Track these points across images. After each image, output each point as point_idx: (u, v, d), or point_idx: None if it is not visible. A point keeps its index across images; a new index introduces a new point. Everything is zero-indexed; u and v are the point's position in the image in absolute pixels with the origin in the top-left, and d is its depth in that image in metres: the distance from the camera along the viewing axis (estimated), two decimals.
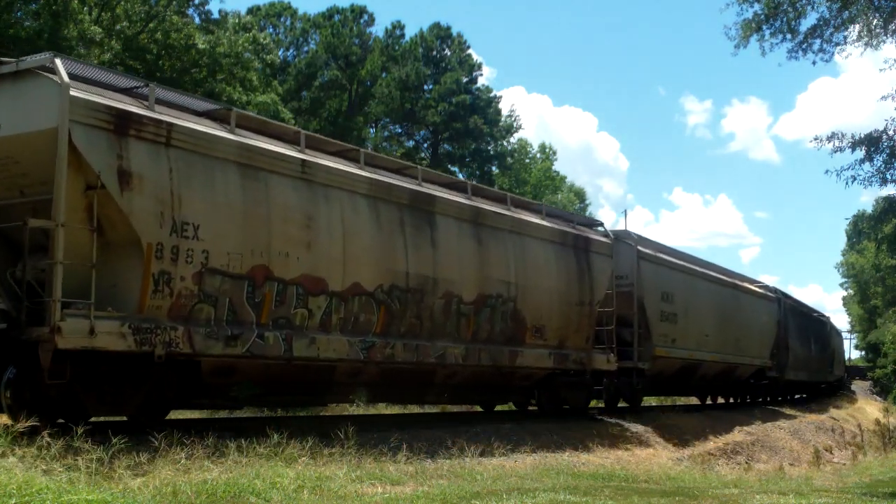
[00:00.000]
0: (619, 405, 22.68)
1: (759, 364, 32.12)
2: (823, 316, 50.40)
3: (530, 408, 19.89)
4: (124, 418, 11.78)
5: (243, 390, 12.44)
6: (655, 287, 22.72)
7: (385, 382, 14.82)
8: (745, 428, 25.47)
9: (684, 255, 27.40)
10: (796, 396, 45.07)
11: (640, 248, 22.22)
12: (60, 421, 10.28)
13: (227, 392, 12.55)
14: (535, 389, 18.99)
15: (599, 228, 21.22)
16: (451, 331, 15.40)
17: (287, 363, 12.59)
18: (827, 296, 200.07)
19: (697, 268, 27.16)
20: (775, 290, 35.98)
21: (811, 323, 43.99)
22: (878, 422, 32.75)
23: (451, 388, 16.51)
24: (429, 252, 14.86)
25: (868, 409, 48.07)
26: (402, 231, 14.38)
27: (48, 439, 8.16)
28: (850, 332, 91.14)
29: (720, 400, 33.89)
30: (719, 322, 27.45)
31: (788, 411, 33.36)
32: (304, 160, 12.93)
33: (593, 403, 22.54)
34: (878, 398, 63.10)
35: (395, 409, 20.06)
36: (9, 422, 9.06)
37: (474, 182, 17.21)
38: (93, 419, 10.87)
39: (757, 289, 33.85)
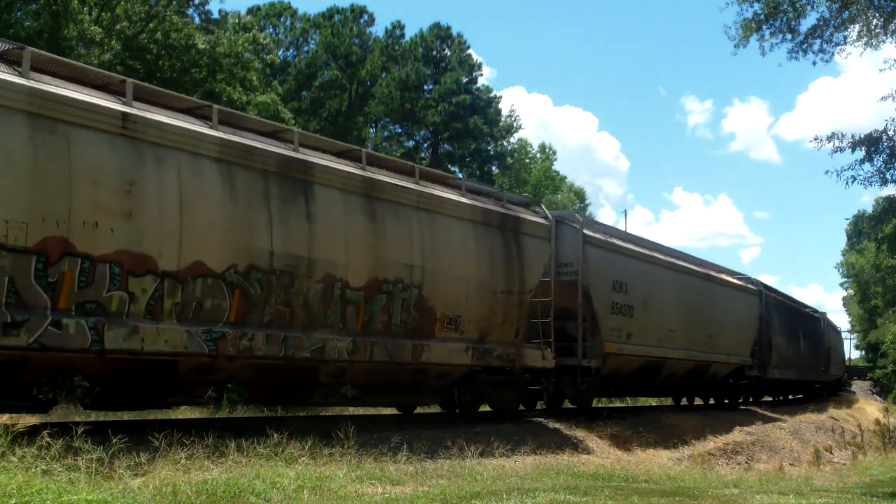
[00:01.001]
0: (570, 407, 19.59)
1: (737, 362, 27.75)
2: (817, 312, 45.76)
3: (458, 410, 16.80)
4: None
5: (44, 390, 9.60)
6: (605, 275, 19.22)
7: (253, 380, 11.89)
8: (745, 428, 24.25)
9: (643, 241, 23.71)
10: (790, 397, 41.50)
11: (586, 231, 18.71)
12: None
13: (27, 392, 9.74)
14: (455, 389, 15.72)
15: (537, 209, 17.81)
16: (333, 321, 12.34)
17: (98, 356, 9.73)
18: (827, 296, 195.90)
19: (659, 255, 23.20)
20: (757, 283, 31.56)
21: (801, 319, 39.32)
22: (878, 422, 31.43)
23: (343, 388, 13.48)
24: (303, 228, 11.85)
25: (868, 409, 46.10)
26: (265, 203, 11.38)
27: (48, 439, 7.67)
28: (850, 332, 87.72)
29: (698, 401, 29.55)
30: (687, 316, 23.36)
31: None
32: (125, 113, 10.01)
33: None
34: (878, 398, 60.50)
35: (394, 410, 17.79)
36: (9, 422, 8.39)
37: (370, 151, 14.07)
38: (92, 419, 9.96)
39: (735, 280, 29.22)
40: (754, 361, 29.02)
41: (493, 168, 53.66)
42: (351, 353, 12.53)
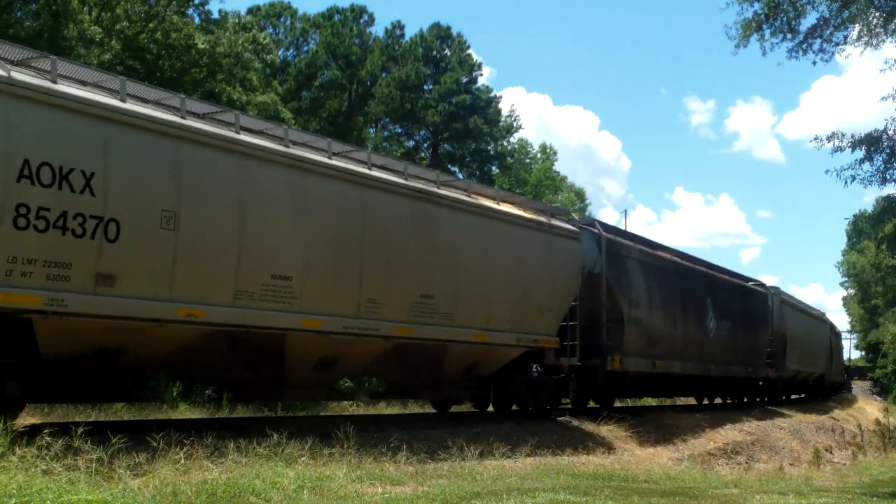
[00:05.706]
0: None
1: (524, 343, 16.73)
2: (762, 286, 33.46)
3: None
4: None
5: None
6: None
7: None
8: (745, 428, 24.29)
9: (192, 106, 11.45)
10: (717, 401, 31.49)
11: None
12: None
13: None
14: None
15: None
16: None
17: None
18: (828, 296, 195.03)
19: (247, 138, 11.71)
20: (592, 223, 21.06)
21: (716, 290, 27.22)
22: (878, 422, 31.67)
23: None
24: None
25: (868, 409, 46.58)
26: None
27: (48, 439, 7.75)
28: (851, 332, 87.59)
29: (503, 406, 17.85)
30: (349, 257, 12.98)
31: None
32: None
33: None
34: (878, 398, 60.50)
35: (395, 409, 18.02)
36: (9, 422, 8.38)
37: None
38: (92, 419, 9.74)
39: (517, 211, 17.13)
40: (560, 343, 17.89)
41: (494, 168, 53.72)
42: None
